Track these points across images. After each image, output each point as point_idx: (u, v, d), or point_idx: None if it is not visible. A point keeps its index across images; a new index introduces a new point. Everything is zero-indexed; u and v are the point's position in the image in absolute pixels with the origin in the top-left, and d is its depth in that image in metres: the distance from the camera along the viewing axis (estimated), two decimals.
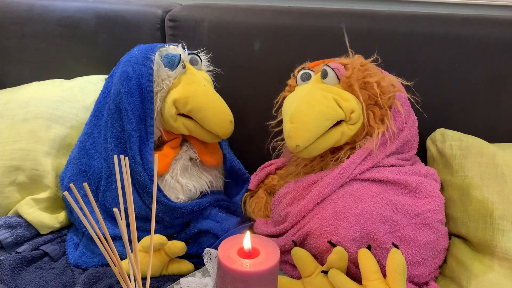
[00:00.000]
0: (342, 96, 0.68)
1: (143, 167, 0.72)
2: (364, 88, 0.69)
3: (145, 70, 0.73)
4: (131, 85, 0.73)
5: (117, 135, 0.74)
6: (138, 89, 0.73)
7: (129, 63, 0.75)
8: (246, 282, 0.47)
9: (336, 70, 0.70)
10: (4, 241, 0.75)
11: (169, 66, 0.75)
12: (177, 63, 0.75)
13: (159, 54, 0.76)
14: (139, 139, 0.73)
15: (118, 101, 0.74)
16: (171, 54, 0.76)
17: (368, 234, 0.63)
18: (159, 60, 0.75)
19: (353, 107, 0.67)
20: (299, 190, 0.70)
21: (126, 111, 0.73)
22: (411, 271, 0.63)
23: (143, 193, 0.73)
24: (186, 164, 0.78)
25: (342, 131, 0.68)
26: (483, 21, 0.82)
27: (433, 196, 0.67)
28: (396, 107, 0.70)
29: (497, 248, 0.62)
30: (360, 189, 0.66)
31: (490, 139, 0.74)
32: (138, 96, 0.73)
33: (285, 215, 0.70)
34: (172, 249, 0.68)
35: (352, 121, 0.68)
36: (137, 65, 0.74)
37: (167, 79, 0.74)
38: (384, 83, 0.69)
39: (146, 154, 0.73)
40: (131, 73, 0.74)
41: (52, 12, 1.01)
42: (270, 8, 0.94)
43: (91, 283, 0.66)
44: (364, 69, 0.69)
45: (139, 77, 0.73)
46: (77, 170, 0.77)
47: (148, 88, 0.73)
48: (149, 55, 0.75)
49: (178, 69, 0.75)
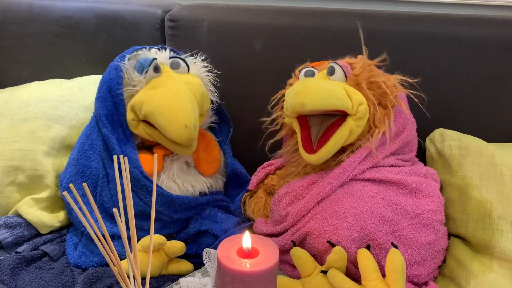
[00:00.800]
0: (351, 89, 0.67)
1: (131, 165, 0.72)
2: (370, 88, 0.68)
3: (115, 74, 0.74)
4: (103, 90, 0.74)
5: (102, 138, 0.75)
6: (109, 93, 0.74)
7: (108, 68, 0.76)
8: (245, 282, 0.47)
9: (344, 68, 0.70)
10: (4, 241, 0.75)
11: (139, 70, 0.73)
12: (147, 66, 0.72)
13: (136, 58, 0.76)
14: (118, 141, 0.74)
15: (96, 106, 0.76)
16: (143, 58, 0.74)
17: (368, 234, 0.63)
18: (131, 65, 0.75)
19: (362, 100, 0.66)
20: (299, 190, 0.70)
21: (99, 116, 0.74)
22: (410, 271, 0.63)
23: (137, 188, 0.73)
24: (182, 165, 0.78)
25: (350, 129, 0.66)
26: (483, 21, 0.82)
27: (432, 197, 0.67)
28: (398, 108, 0.70)
29: (496, 248, 0.62)
30: (360, 189, 0.66)
31: (489, 139, 0.74)
32: (109, 100, 0.74)
33: (285, 215, 0.70)
34: (171, 249, 0.68)
35: (359, 115, 0.66)
36: (111, 69, 0.75)
37: (138, 84, 0.74)
38: (390, 83, 0.69)
39: (130, 153, 0.73)
40: (105, 77, 0.75)
41: (52, 12, 1.01)
42: (269, 8, 0.94)
43: (90, 283, 0.66)
44: (370, 69, 0.70)
45: (110, 81, 0.74)
46: (75, 171, 0.77)
47: (118, 91, 0.73)
48: (121, 60, 0.75)
49: (148, 73, 0.73)
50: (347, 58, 0.74)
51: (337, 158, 0.70)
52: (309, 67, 0.75)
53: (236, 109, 0.91)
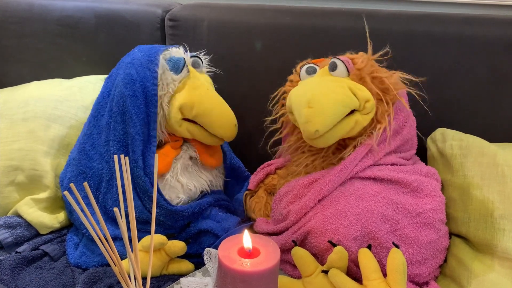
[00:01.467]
0: (355, 86, 0.68)
1: (145, 172, 0.72)
2: (373, 82, 0.69)
3: (150, 74, 0.73)
4: (135, 88, 0.72)
5: (119, 138, 0.73)
6: (142, 93, 0.72)
7: (133, 66, 0.74)
8: (246, 282, 0.47)
9: (346, 63, 0.70)
10: (4, 241, 0.74)
11: (174, 70, 0.75)
12: (182, 67, 0.75)
13: (163, 57, 0.76)
14: (142, 143, 0.73)
15: (121, 103, 0.73)
16: (176, 58, 0.75)
17: (369, 233, 0.63)
18: (164, 64, 0.75)
19: (368, 96, 0.67)
20: (300, 188, 0.70)
21: (130, 114, 0.72)
22: (411, 270, 0.63)
23: (144, 197, 0.73)
24: (186, 163, 0.78)
25: (356, 119, 0.67)
26: (484, 21, 0.82)
27: (434, 196, 0.67)
28: (399, 105, 0.70)
29: (497, 247, 0.62)
30: (361, 188, 0.66)
31: (491, 138, 0.74)
32: (142, 99, 0.72)
33: (286, 213, 0.70)
34: (172, 249, 0.68)
35: (366, 110, 0.67)
36: (141, 68, 0.73)
37: (172, 83, 0.74)
38: (392, 79, 0.69)
39: (148, 157, 0.73)
40: (135, 76, 0.73)
41: (51, 11, 1.01)
42: (270, 8, 0.94)
43: (91, 282, 0.66)
44: (371, 63, 0.70)
45: (143, 80, 0.73)
46: (77, 171, 0.76)
47: (153, 92, 0.73)
48: (154, 58, 0.74)
49: (183, 73, 0.75)
50: (348, 54, 0.74)
51: (338, 154, 0.70)
52: (311, 63, 0.75)
53: (236, 109, 0.91)
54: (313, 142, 0.66)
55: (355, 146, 0.70)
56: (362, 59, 0.69)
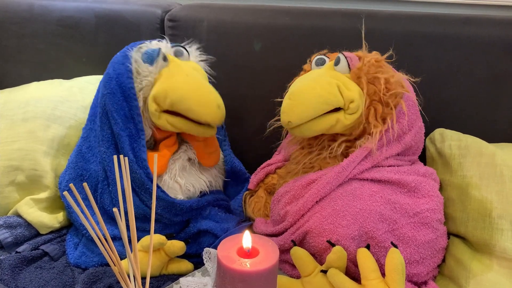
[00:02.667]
0: (346, 84, 0.68)
1: (138, 165, 0.72)
2: (372, 83, 0.68)
3: (124, 68, 0.73)
4: (112, 86, 0.73)
5: (108, 138, 0.74)
6: (119, 89, 0.72)
7: (111, 64, 0.75)
8: (245, 282, 0.47)
9: (349, 59, 0.70)
10: (4, 241, 0.75)
11: (148, 61, 0.73)
12: (156, 56, 0.73)
13: (139, 51, 0.75)
14: (129, 138, 0.73)
15: (103, 103, 0.74)
16: (150, 50, 0.74)
17: (367, 232, 0.63)
18: (138, 56, 0.74)
19: (354, 97, 0.66)
20: (298, 189, 0.71)
21: (111, 112, 0.73)
22: (409, 270, 0.63)
23: (140, 191, 0.73)
24: (184, 164, 0.78)
25: (337, 118, 0.67)
26: (483, 21, 0.82)
27: (432, 196, 0.67)
28: (401, 109, 0.69)
29: (496, 247, 0.62)
30: (359, 188, 0.66)
31: (489, 139, 0.74)
32: (120, 95, 0.72)
33: (284, 214, 0.70)
34: (171, 249, 0.68)
35: (350, 111, 0.67)
36: (117, 64, 0.74)
37: (149, 75, 0.73)
38: (393, 80, 0.69)
39: (139, 152, 0.73)
40: (112, 73, 0.73)
41: (51, 12, 1.01)
42: (269, 8, 0.94)
43: (91, 282, 0.66)
44: (377, 65, 0.69)
45: (118, 76, 0.73)
46: (75, 174, 0.77)
47: (129, 85, 0.72)
48: (127, 53, 0.74)
49: (159, 64, 0.74)
50: (360, 52, 0.74)
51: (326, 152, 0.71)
52: (322, 55, 0.75)
53: (236, 109, 0.91)
54: (290, 131, 0.70)
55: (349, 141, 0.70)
56: (367, 59, 0.69)
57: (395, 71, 0.74)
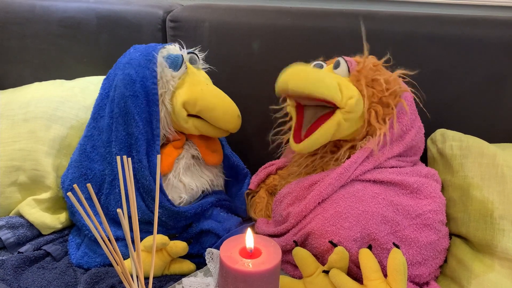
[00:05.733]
0: (346, 85, 0.67)
1: (150, 171, 0.72)
2: (371, 86, 0.69)
3: (149, 73, 0.73)
4: (136, 88, 0.72)
5: (122, 139, 0.73)
6: (143, 92, 0.73)
7: (131, 66, 0.74)
8: (247, 282, 0.48)
9: (349, 63, 0.70)
10: (6, 241, 0.75)
11: (173, 67, 0.75)
12: (181, 63, 0.75)
13: (161, 55, 0.76)
14: (146, 142, 0.73)
15: (122, 104, 0.73)
16: (174, 55, 0.76)
17: (369, 234, 0.63)
18: (162, 61, 0.75)
19: (353, 94, 0.66)
20: (300, 190, 0.71)
21: (132, 115, 0.72)
22: (412, 271, 0.63)
23: (148, 197, 0.73)
24: (188, 162, 0.78)
25: (337, 121, 0.65)
26: (483, 22, 0.82)
27: (434, 197, 0.67)
28: (401, 108, 0.69)
29: (497, 248, 0.62)
30: (361, 189, 0.66)
31: (490, 139, 0.75)
32: (143, 99, 0.73)
33: (286, 215, 0.71)
34: (174, 249, 0.69)
35: (348, 109, 0.65)
36: (140, 67, 0.74)
37: (172, 79, 0.75)
38: (391, 79, 0.69)
39: (152, 157, 0.73)
40: (135, 76, 0.73)
41: (53, 12, 1.01)
42: (271, 9, 0.94)
43: (93, 283, 0.67)
44: (375, 69, 0.70)
45: (143, 79, 0.73)
46: (78, 173, 0.76)
47: (154, 91, 0.73)
48: (152, 57, 0.74)
49: (182, 70, 0.76)
50: (358, 57, 0.74)
51: (335, 155, 0.71)
52: (319, 61, 0.76)
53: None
54: (297, 149, 0.68)
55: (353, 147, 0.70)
56: (366, 63, 0.70)
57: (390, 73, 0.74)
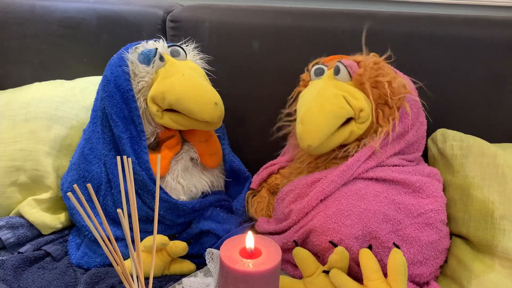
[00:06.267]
0: (352, 94, 0.68)
1: (140, 167, 0.72)
2: (375, 87, 0.68)
3: (121, 70, 0.73)
4: (110, 88, 0.73)
5: (108, 140, 0.74)
6: (117, 91, 0.72)
7: (108, 66, 0.75)
8: (248, 282, 0.48)
9: (349, 67, 0.70)
10: (7, 242, 0.75)
11: (145, 62, 0.73)
12: (153, 56, 0.73)
13: (136, 52, 0.75)
14: (130, 140, 0.73)
15: (102, 106, 0.74)
16: (146, 50, 0.74)
17: (371, 232, 0.63)
18: (135, 58, 0.74)
19: (362, 105, 0.67)
20: (303, 188, 0.71)
21: (110, 115, 0.73)
22: (412, 270, 0.63)
23: (143, 192, 0.73)
24: (186, 164, 0.78)
25: (351, 130, 0.68)
26: (483, 22, 0.82)
27: (436, 196, 0.67)
28: (405, 108, 0.69)
29: (498, 248, 0.62)
30: (364, 187, 0.66)
31: (491, 139, 0.75)
32: (119, 98, 0.72)
33: (288, 212, 0.71)
34: (174, 249, 0.69)
35: (361, 120, 0.67)
36: (114, 66, 0.74)
37: (146, 75, 0.73)
38: (395, 84, 0.69)
39: (141, 153, 0.73)
40: (109, 76, 0.73)
41: (53, 12, 1.01)
42: (271, 9, 0.94)
43: (93, 283, 0.67)
44: (377, 67, 0.69)
45: (116, 78, 0.73)
46: (77, 176, 0.77)
47: (127, 87, 0.72)
48: (123, 54, 0.74)
49: (155, 64, 0.74)
50: (357, 55, 0.74)
51: (338, 153, 0.71)
52: (320, 64, 0.75)
53: (237, 110, 0.91)
54: (308, 152, 0.69)
55: (358, 145, 0.70)
56: (366, 62, 0.69)
57: (396, 71, 0.74)
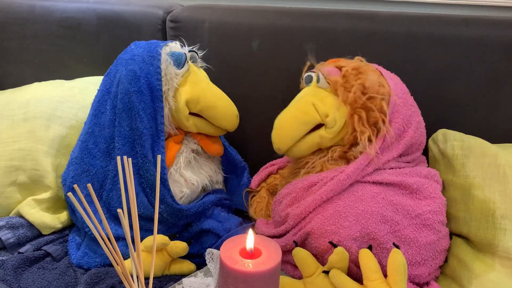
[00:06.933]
0: (323, 100, 0.70)
1: (155, 166, 0.72)
2: (349, 91, 0.68)
3: (153, 69, 0.74)
4: (140, 84, 0.73)
5: (125, 134, 0.74)
6: (147, 88, 0.73)
7: (134, 62, 0.74)
8: (248, 282, 0.48)
9: (327, 75, 0.71)
10: (7, 242, 0.75)
11: (176, 64, 0.75)
12: (184, 61, 0.76)
13: (164, 52, 0.76)
14: (151, 137, 0.73)
15: (126, 100, 0.73)
16: (178, 52, 0.76)
17: (369, 234, 0.63)
18: (167, 58, 0.75)
19: (328, 111, 0.69)
20: (299, 191, 0.70)
21: (137, 110, 0.73)
22: (411, 271, 0.63)
23: (151, 192, 0.73)
24: (188, 157, 0.79)
25: (320, 134, 0.70)
26: (483, 22, 0.82)
27: (434, 197, 0.67)
28: (394, 108, 0.69)
29: (498, 247, 0.62)
30: (361, 189, 0.66)
31: (491, 139, 0.74)
32: (148, 95, 0.73)
33: (285, 216, 0.71)
34: (174, 249, 0.69)
35: (329, 125, 0.69)
36: (144, 63, 0.74)
37: (176, 77, 0.75)
38: (368, 83, 0.68)
39: (158, 152, 0.74)
40: (139, 72, 0.73)
41: (53, 13, 1.01)
42: (271, 9, 0.94)
43: (93, 283, 0.67)
44: (356, 72, 0.69)
45: (147, 75, 0.73)
46: (80, 170, 0.76)
47: (158, 87, 0.73)
48: (156, 54, 0.75)
49: (185, 68, 0.76)
50: (342, 60, 0.74)
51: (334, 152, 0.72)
52: (309, 72, 0.76)
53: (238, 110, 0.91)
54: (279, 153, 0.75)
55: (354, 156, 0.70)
56: (345, 68, 0.70)
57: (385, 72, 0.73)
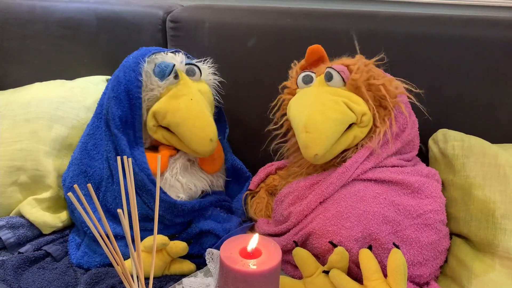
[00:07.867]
0: (351, 99, 0.68)
1: (138, 167, 0.72)
2: (369, 89, 0.69)
3: (134, 76, 0.73)
4: (120, 91, 0.73)
5: (111, 138, 0.75)
6: (126, 95, 0.73)
7: (122, 67, 0.75)
8: (248, 282, 0.48)
9: (342, 73, 0.69)
10: (7, 242, 0.75)
11: (159, 76, 0.73)
12: (168, 73, 0.73)
13: (154, 62, 0.75)
14: (128, 143, 0.73)
15: (108, 105, 0.74)
16: (165, 64, 0.74)
17: (370, 234, 0.63)
18: (151, 68, 0.74)
19: (364, 110, 0.67)
20: (302, 190, 0.71)
21: (113, 116, 0.73)
22: (412, 271, 0.63)
23: (142, 192, 0.73)
24: (185, 163, 0.78)
25: (354, 134, 0.68)
26: (483, 22, 0.82)
27: (434, 197, 0.67)
28: (399, 108, 0.70)
29: (499, 247, 0.62)
30: (363, 189, 0.66)
31: (491, 139, 0.75)
32: (126, 102, 0.73)
33: (288, 215, 0.71)
34: (174, 250, 0.69)
35: (364, 124, 0.68)
36: (128, 70, 0.74)
37: (156, 88, 0.74)
38: (391, 86, 0.69)
39: (138, 156, 0.74)
40: (122, 78, 0.73)
41: (53, 13, 1.01)
42: (271, 9, 0.94)
43: (93, 283, 0.67)
44: (367, 69, 0.69)
45: (128, 83, 0.73)
46: (79, 171, 0.77)
47: (136, 95, 0.73)
48: (140, 61, 0.74)
49: (169, 80, 0.74)
50: (344, 59, 0.74)
51: (338, 157, 0.71)
52: (307, 71, 0.75)
53: (237, 110, 0.91)
54: (313, 161, 0.67)
55: (356, 146, 0.70)
56: (357, 65, 0.69)
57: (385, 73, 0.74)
